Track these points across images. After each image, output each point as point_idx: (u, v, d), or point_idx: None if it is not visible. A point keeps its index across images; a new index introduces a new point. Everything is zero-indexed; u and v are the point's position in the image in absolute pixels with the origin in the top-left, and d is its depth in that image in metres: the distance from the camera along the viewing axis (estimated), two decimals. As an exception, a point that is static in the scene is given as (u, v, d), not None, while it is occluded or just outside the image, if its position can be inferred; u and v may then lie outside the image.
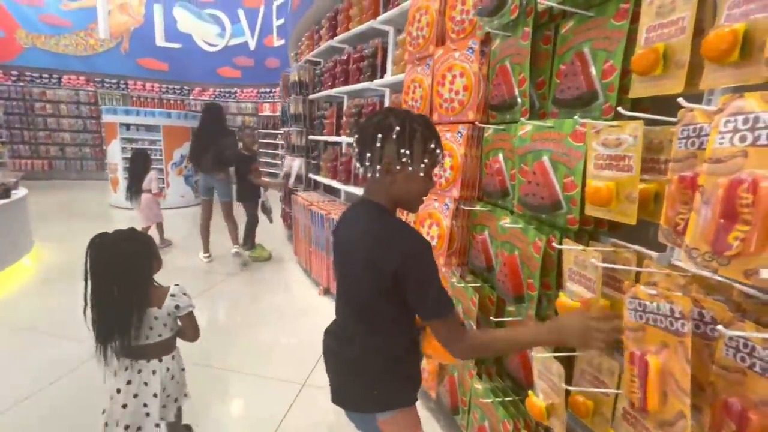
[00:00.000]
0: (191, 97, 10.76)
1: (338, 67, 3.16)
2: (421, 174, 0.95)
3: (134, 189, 4.27)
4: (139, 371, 1.35)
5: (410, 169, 0.93)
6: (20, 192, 3.90)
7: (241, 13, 10.25)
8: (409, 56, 1.93)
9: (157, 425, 1.35)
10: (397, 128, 0.90)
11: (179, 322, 1.44)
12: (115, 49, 10.10)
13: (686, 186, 0.61)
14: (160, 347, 1.39)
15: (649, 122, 0.90)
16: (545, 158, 1.12)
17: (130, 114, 6.90)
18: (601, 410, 0.95)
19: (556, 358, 1.02)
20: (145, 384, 1.35)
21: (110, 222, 6.11)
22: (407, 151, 0.92)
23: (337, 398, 1.09)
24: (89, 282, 1.29)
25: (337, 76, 3.18)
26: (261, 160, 10.11)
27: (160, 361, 1.38)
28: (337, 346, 1.08)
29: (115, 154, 6.85)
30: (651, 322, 0.71)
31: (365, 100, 2.99)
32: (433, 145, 0.95)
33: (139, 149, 4.80)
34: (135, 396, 1.34)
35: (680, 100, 0.63)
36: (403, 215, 1.76)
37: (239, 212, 4.05)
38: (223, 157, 3.72)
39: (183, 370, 1.50)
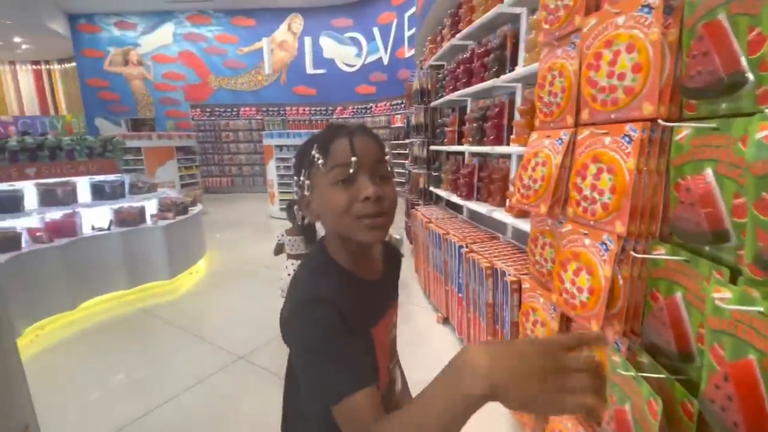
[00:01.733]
0: (334, 116, 11.79)
1: (460, 68, 2.79)
2: (321, 186, 0.68)
3: None
4: (293, 264, 2.64)
5: (306, 191, 0.70)
6: (197, 208, 4.72)
7: (375, 30, 10.76)
8: (545, 36, 1.45)
9: None
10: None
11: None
12: (276, 82, 11.82)
13: None
14: (301, 256, 2.60)
15: None
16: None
17: (281, 137, 7.87)
18: None
19: None
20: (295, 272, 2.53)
21: (267, 231, 7.03)
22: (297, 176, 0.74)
23: None
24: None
25: (459, 77, 2.82)
26: (395, 171, 10.40)
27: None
28: None
29: (272, 171, 7.89)
30: None
31: (492, 101, 2.55)
32: (314, 151, 0.68)
33: None
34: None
35: None
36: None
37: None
38: None
39: None
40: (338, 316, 0.61)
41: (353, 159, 0.63)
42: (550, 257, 1.45)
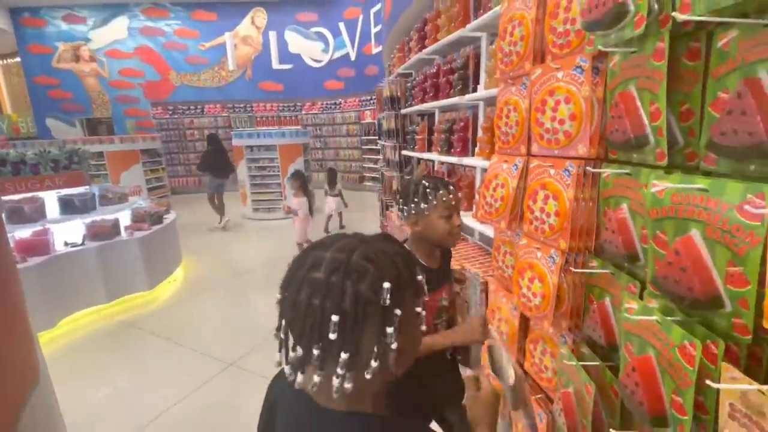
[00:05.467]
0: (303, 112, 11.72)
1: (428, 81, 2.98)
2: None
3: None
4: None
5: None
6: (171, 216, 4.70)
7: (341, 26, 10.73)
8: (501, 75, 1.66)
9: None
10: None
11: None
12: (242, 78, 11.58)
13: None
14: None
15: None
16: (695, 233, 0.79)
17: (252, 137, 7.80)
18: None
19: None
20: None
21: (242, 232, 7.01)
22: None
23: None
24: None
25: (426, 90, 3.01)
26: (365, 166, 10.58)
27: None
28: None
29: (243, 172, 7.83)
30: None
31: (457, 114, 2.76)
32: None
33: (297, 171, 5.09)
34: None
35: None
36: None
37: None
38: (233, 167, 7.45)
39: None
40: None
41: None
42: (510, 264, 1.68)
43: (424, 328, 0.59)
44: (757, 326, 0.71)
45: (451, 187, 1.20)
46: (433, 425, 1.30)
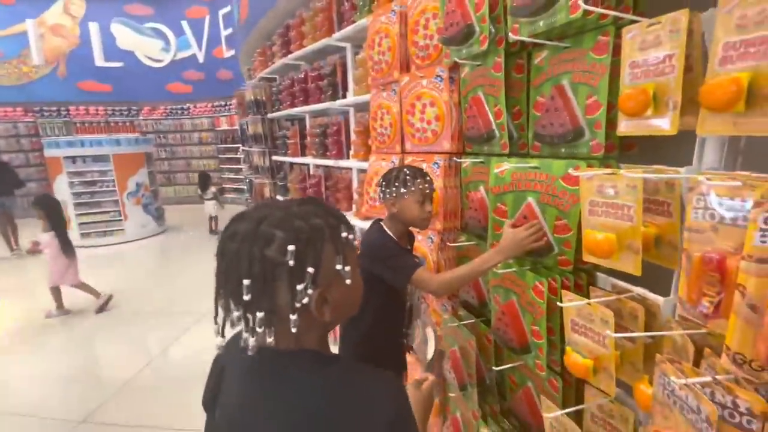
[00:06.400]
0: (141, 118, 10.15)
1: (296, 86, 3.01)
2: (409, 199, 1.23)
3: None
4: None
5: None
6: (-44, 251, 3.51)
7: (185, 24, 9.73)
8: (372, 81, 1.82)
9: None
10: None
11: None
12: (52, 75, 9.36)
13: (712, 269, 0.55)
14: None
15: (640, 159, 0.86)
16: (531, 200, 1.05)
17: (74, 146, 6.39)
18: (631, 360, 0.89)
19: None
20: None
21: (67, 264, 5.66)
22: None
23: None
24: None
25: (296, 95, 3.03)
26: (226, 177, 9.79)
27: None
28: None
29: (63, 190, 6.33)
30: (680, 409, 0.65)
31: (329, 119, 2.86)
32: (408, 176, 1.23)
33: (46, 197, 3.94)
34: None
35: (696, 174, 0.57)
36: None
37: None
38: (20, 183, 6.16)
39: None
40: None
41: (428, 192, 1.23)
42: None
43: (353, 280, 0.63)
44: (577, 261, 1.00)
45: (428, 178, 1.28)
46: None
